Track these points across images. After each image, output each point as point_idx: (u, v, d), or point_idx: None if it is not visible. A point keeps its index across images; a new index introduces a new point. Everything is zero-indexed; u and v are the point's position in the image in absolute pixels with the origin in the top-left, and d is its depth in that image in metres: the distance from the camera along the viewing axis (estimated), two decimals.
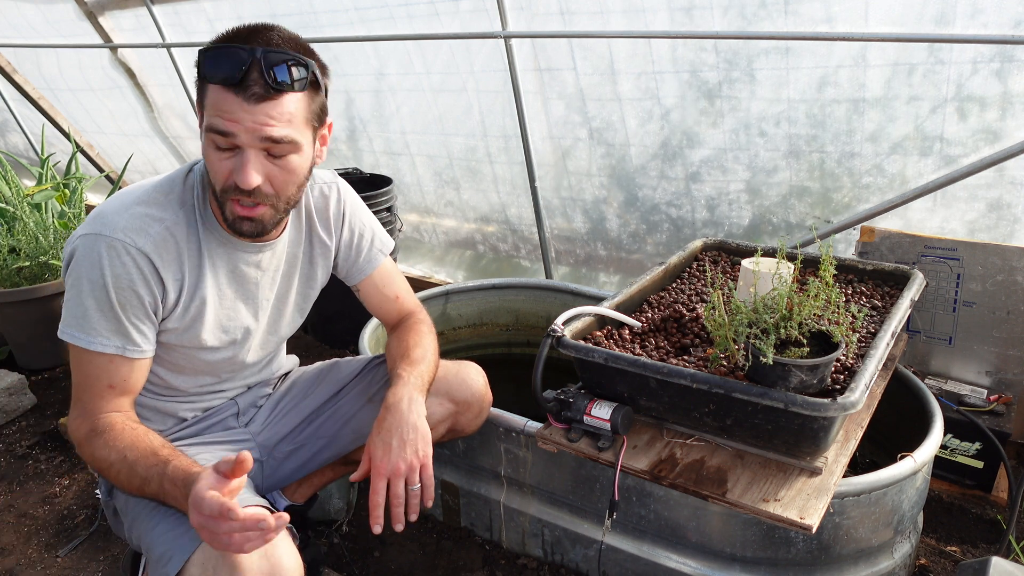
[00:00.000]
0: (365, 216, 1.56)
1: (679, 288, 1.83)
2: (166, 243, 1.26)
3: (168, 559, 1.16)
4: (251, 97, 1.13)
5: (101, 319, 1.23)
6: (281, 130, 1.16)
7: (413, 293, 1.65)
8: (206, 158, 1.22)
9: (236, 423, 1.55)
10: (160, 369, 1.40)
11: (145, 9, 3.26)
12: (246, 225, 1.25)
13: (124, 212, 1.25)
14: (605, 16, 2.20)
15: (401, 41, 2.63)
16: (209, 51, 1.15)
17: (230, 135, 1.15)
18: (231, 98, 1.13)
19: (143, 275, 1.24)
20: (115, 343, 1.24)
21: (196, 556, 1.13)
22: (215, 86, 1.15)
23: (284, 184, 1.23)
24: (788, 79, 2.04)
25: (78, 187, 3.14)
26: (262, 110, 1.14)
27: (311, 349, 2.89)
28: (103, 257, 1.21)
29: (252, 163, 1.17)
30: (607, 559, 1.65)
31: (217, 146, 1.17)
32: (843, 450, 1.39)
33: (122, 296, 1.23)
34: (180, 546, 1.16)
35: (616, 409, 1.43)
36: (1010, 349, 1.93)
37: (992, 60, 1.79)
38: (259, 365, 1.57)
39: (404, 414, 1.32)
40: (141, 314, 1.26)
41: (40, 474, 2.24)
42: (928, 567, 1.75)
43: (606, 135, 2.46)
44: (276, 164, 1.20)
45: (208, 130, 1.17)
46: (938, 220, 2.06)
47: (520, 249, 3.01)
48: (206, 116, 1.17)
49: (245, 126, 1.14)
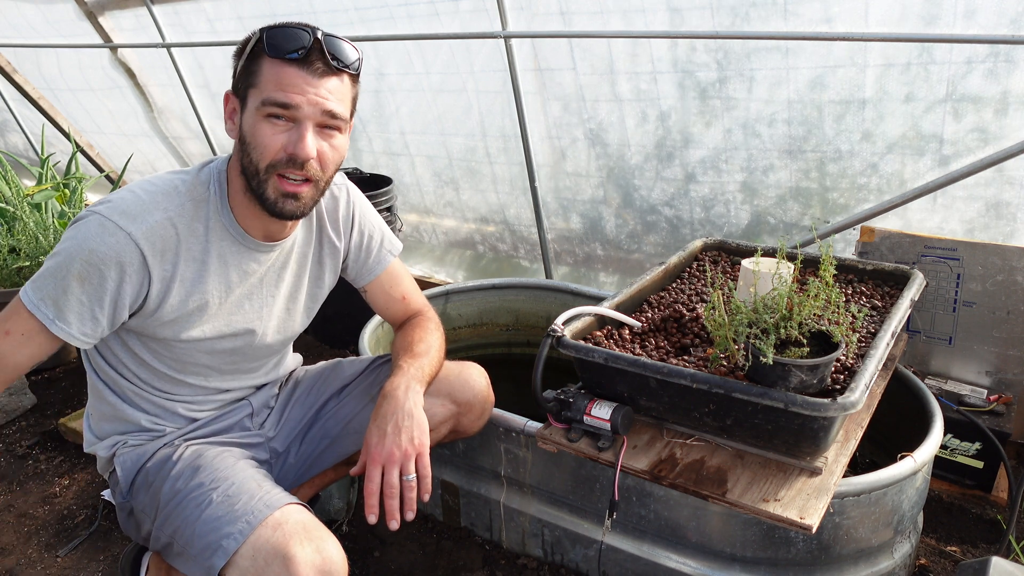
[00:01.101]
0: (374, 218, 1.57)
1: (679, 288, 1.83)
2: (164, 232, 1.25)
3: (214, 550, 1.18)
4: (315, 71, 1.20)
5: (51, 283, 1.21)
6: (338, 106, 1.23)
7: (420, 292, 1.65)
8: (254, 135, 1.22)
9: (251, 424, 1.55)
10: (166, 368, 1.40)
11: (145, 9, 3.26)
12: (290, 203, 1.26)
13: (130, 198, 1.25)
14: (605, 16, 2.20)
15: (401, 41, 2.63)
16: (273, 28, 1.21)
17: (292, 107, 1.19)
18: (294, 72, 1.19)
19: (119, 260, 1.21)
20: (48, 311, 1.21)
21: (245, 548, 1.15)
22: (277, 61, 1.19)
23: (330, 162, 1.27)
24: (788, 78, 2.04)
25: (78, 187, 3.15)
26: (324, 85, 1.21)
27: (311, 349, 2.89)
28: (90, 231, 1.21)
29: (311, 134, 1.22)
30: (607, 559, 1.65)
31: (274, 120, 1.20)
32: (843, 450, 1.39)
33: (84, 270, 1.20)
34: (227, 536, 1.18)
35: (616, 409, 1.43)
36: (1010, 349, 1.93)
37: (986, 60, 1.79)
38: (267, 365, 1.57)
39: (400, 401, 1.32)
40: (94, 297, 1.22)
41: (40, 474, 2.24)
42: (928, 567, 1.75)
43: (604, 135, 2.46)
44: (326, 141, 1.25)
45: (267, 103, 1.20)
46: (937, 220, 2.06)
47: (519, 249, 3.01)
48: (264, 90, 1.20)
49: (308, 98, 1.19)
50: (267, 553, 1.14)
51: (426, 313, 1.60)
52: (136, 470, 1.42)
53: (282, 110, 1.20)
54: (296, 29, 1.21)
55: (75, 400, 2.62)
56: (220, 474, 1.31)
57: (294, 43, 1.20)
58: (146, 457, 1.42)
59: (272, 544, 1.15)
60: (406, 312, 1.60)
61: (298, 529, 1.18)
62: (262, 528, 1.17)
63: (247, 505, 1.22)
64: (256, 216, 1.32)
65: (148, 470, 1.40)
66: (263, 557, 1.14)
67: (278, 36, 1.20)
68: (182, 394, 1.45)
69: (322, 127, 1.23)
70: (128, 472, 1.42)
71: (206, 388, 1.47)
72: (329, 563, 1.16)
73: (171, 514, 1.30)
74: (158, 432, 1.46)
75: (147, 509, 1.37)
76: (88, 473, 2.22)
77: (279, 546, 1.14)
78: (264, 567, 1.13)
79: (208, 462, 1.35)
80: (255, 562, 1.14)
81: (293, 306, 1.49)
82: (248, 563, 1.15)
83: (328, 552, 1.17)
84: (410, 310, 1.61)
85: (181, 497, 1.29)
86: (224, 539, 1.17)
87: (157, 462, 1.40)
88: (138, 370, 1.40)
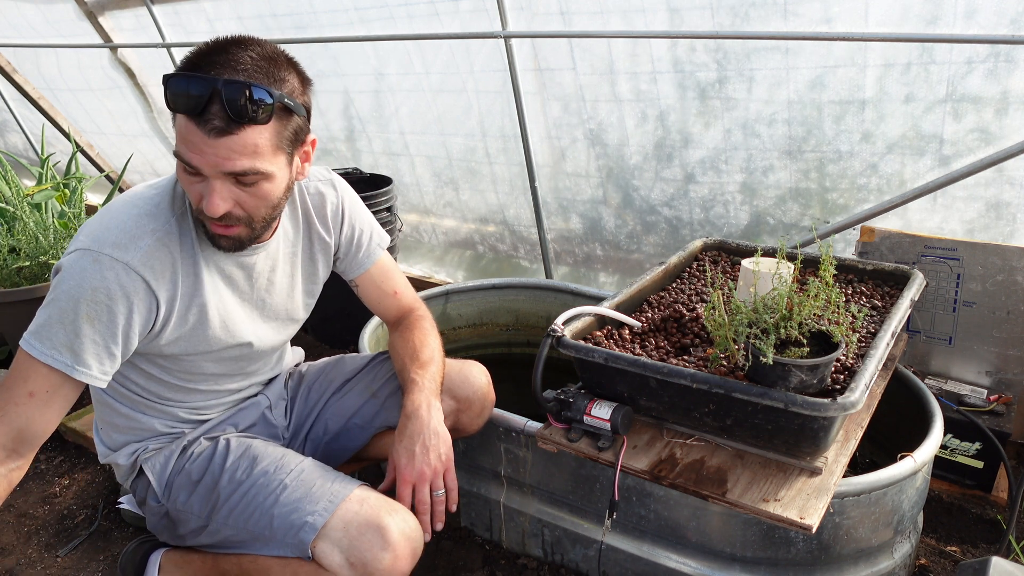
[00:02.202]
0: (363, 212, 1.57)
1: (679, 288, 1.83)
2: (158, 253, 1.24)
3: (300, 527, 1.26)
4: (211, 131, 1.09)
5: (60, 330, 1.18)
6: (244, 163, 1.12)
7: (412, 289, 1.65)
8: (180, 180, 1.19)
9: (272, 416, 1.59)
10: (174, 379, 1.41)
11: (145, 9, 3.26)
12: (224, 242, 1.24)
13: (113, 226, 1.22)
14: (605, 16, 2.20)
15: (401, 41, 2.63)
16: (171, 79, 1.10)
17: (194, 167, 1.13)
18: (193, 129, 1.10)
19: (125, 292, 1.20)
20: (64, 359, 1.18)
21: (335, 520, 1.25)
22: (179, 114, 1.11)
23: (255, 208, 1.20)
24: (787, 79, 2.04)
25: (78, 187, 3.14)
26: (223, 144, 1.09)
27: (311, 349, 2.88)
28: (85, 270, 1.18)
29: (218, 192, 1.14)
30: (607, 559, 1.65)
31: (188, 170, 1.15)
32: (843, 450, 1.39)
33: (92, 310, 1.18)
34: (311, 513, 1.26)
35: (616, 409, 1.43)
36: (1010, 349, 1.93)
37: (986, 60, 1.79)
38: (270, 362, 1.59)
39: (425, 420, 1.36)
40: (107, 334, 1.20)
41: (40, 474, 2.24)
42: (928, 567, 1.75)
43: (604, 135, 2.46)
44: (245, 191, 1.17)
45: (176, 155, 1.15)
46: (937, 220, 2.06)
47: (519, 249, 3.01)
48: (177, 140, 1.14)
49: (207, 160, 1.11)
50: (360, 523, 1.24)
51: (419, 311, 1.61)
52: (170, 471, 1.44)
53: (188, 166, 1.14)
54: (195, 78, 1.08)
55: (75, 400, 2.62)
56: (282, 462, 1.37)
57: (184, 100, 1.08)
58: (176, 456, 1.44)
59: (362, 516, 1.25)
60: (399, 308, 1.61)
61: (383, 503, 1.29)
62: (347, 503, 1.27)
63: (324, 486, 1.31)
64: None
65: (189, 470, 1.42)
66: (356, 527, 1.24)
67: (172, 88, 1.09)
68: (193, 400, 1.47)
69: (236, 179, 1.15)
70: (161, 475, 1.44)
71: (217, 391, 1.50)
72: (414, 531, 1.28)
73: (238, 504, 1.35)
74: (176, 434, 1.48)
75: (195, 507, 1.40)
76: (88, 473, 2.22)
77: (371, 517, 1.25)
78: (357, 535, 1.24)
79: (262, 452, 1.41)
80: (347, 532, 1.24)
81: (289, 303, 1.50)
82: (340, 534, 1.24)
83: (412, 522, 1.29)
84: (403, 305, 1.61)
85: (247, 487, 1.35)
86: (309, 515, 1.26)
87: (200, 460, 1.43)
88: (147, 384, 1.42)
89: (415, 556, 1.29)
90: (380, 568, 1.23)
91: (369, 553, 1.23)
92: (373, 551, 1.23)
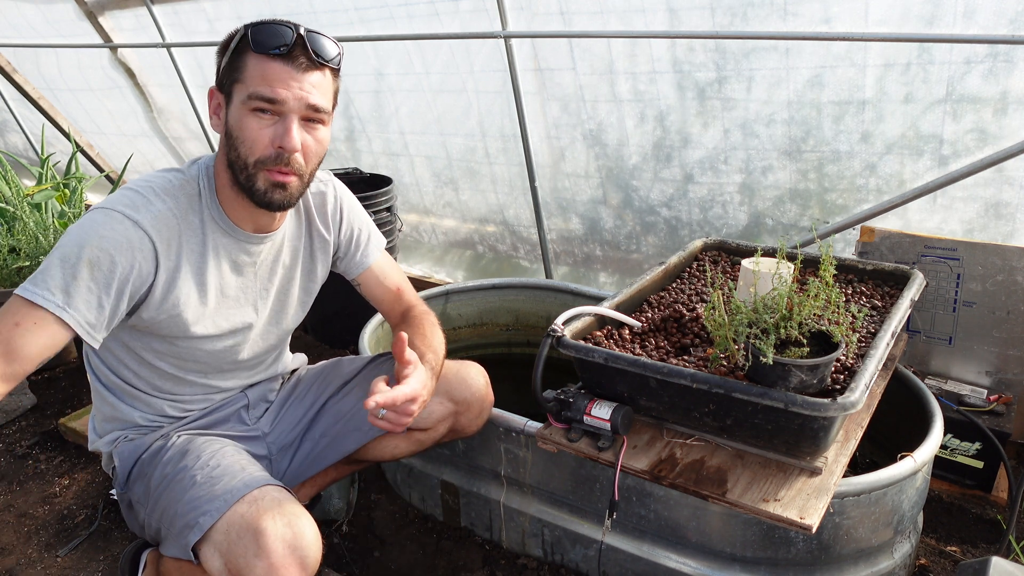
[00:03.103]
0: (360, 212, 1.60)
1: (679, 288, 1.83)
2: (167, 222, 1.27)
3: (191, 527, 1.20)
4: (299, 66, 1.22)
5: (58, 272, 1.18)
6: (320, 99, 1.26)
7: (412, 287, 1.67)
8: (240, 129, 1.24)
9: (247, 417, 1.57)
10: (167, 365, 1.42)
11: (145, 9, 3.26)
12: (278, 193, 1.27)
13: (128, 194, 1.27)
14: (605, 16, 2.20)
15: (401, 41, 2.63)
16: (258, 25, 1.23)
17: (278, 101, 1.22)
18: (279, 67, 1.21)
19: (131, 246, 1.22)
20: (56, 299, 1.16)
21: (220, 523, 1.18)
22: (262, 57, 1.22)
23: (314, 155, 1.30)
24: (786, 79, 2.04)
25: (78, 187, 3.14)
26: (307, 79, 1.23)
27: (311, 349, 2.88)
28: (96, 221, 1.22)
29: (297, 128, 1.24)
30: (607, 559, 1.65)
31: (260, 114, 1.22)
32: (843, 450, 1.39)
33: (95, 255, 1.19)
34: (204, 513, 1.20)
35: (616, 409, 1.43)
36: (1010, 349, 1.93)
37: (985, 60, 1.79)
38: (263, 360, 1.58)
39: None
40: (103, 284, 1.20)
41: (40, 474, 2.24)
42: (928, 567, 1.75)
43: (603, 135, 2.46)
44: (311, 134, 1.28)
45: (253, 97, 1.22)
46: (937, 220, 2.06)
47: (519, 249, 3.01)
48: (250, 85, 1.22)
49: (293, 92, 1.22)
50: (240, 528, 1.15)
51: (420, 306, 1.62)
52: (133, 462, 1.44)
53: (268, 104, 1.22)
54: (280, 26, 1.23)
55: (75, 400, 2.62)
56: (205, 457, 1.33)
57: (278, 39, 1.22)
58: (142, 449, 1.44)
59: (245, 519, 1.16)
60: (402, 305, 1.62)
61: (272, 505, 1.19)
62: (239, 504, 1.18)
63: (227, 484, 1.23)
64: (245, 208, 1.34)
65: (143, 461, 1.42)
66: (235, 531, 1.15)
67: (263, 32, 1.22)
68: (181, 392, 1.47)
69: (306, 120, 1.26)
70: (125, 464, 1.45)
71: (206, 386, 1.49)
72: (300, 538, 1.16)
73: (159, 498, 1.32)
74: (154, 426, 1.49)
75: (142, 499, 1.40)
76: (88, 473, 2.22)
77: (251, 520, 1.15)
78: (236, 540, 1.15)
79: (196, 447, 1.37)
80: (228, 536, 1.16)
81: (286, 299, 1.51)
82: (221, 537, 1.16)
83: (299, 527, 1.17)
84: (405, 302, 1.62)
85: (168, 480, 1.32)
86: (201, 516, 1.19)
87: (152, 452, 1.42)
88: (139, 369, 1.42)
89: (303, 566, 1.16)
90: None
91: (242, 559, 1.13)
92: (246, 557, 1.13)
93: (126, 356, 1.41)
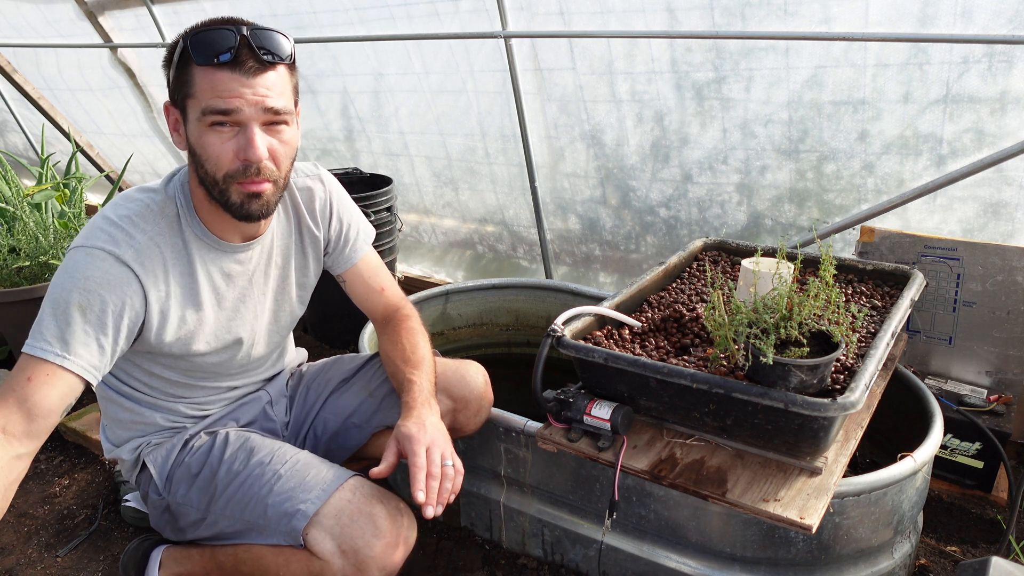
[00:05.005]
0: (351, 206, 1.58)
1: (679, 288, 1.83)
2: (149, 252, 1.25)
3: (292, 515, 1.26)
4: (249, 71, 1.16)
5: (51, 322, 1.17)
6: (279, 100, 1.20)
7: (399, 287, 1.66)
8: (202, 147, 1.20)
9: (273, 412, 1.60)
10: (177, 375, 1.43)
11: (145, 9, 3.26)
12: (254, 204, 1.24)
13: (105, 227, 1.24)
14: (605, 16, 2.20)
15: (400, 41, 2.63)
16: (197, 33, 1.16)
17: (233, 112, 1.16)
18: (227, 76, 1.15)
19: (118, 283, 1.21)
20: (54, 349, 1.16)
21: (327, 508, 1.26)
22: (207, 68, 1.15)
23: (283, 157, 1.25)
24: (785, 79, 2.04)
25: (78, 187, 3.14)
26: (260, 83, 1.17)
27: (311, 349, 2.88)
28: (79, 263, 1.20)
29: (258, 136, 1.19)
30: (607, 559, 1.65)
31: (218, 127, 1.17)
32: (843, 450, 1.39)
33: (84, 298, 1.18)
34: (304, 501, 1.27)
35: (616, 409, 1.43)
36: (1010, 349, 1.93)
37: (983, 60, 1.79)
38: (271, 358, 1.60)
39: (425, 415, 1.34)
40: (98, 325, 1.19)
41: (40, 474, 2.24)
42: (928, 567, 1.75)
43: (602, 135, 2.46)
44: (276, 137, 1.22)
45: (207, 112, 1.16)
46: (936, 220, 2.06)
47: (519, 249, 3.01)
48: (201, 99, 1.17)
49: (248, 100, 1.16)
50: (351, 512, 1.26)
51: (404, 308, 1.60)
52: (170, 465, 1.45)
53: (224, 116, 1.17)
54: (220, 29, 1.16)
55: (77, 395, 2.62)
56: (278, 453, 1.38)
57: (220, 46, 1.15)
58: (177, 450, 1.45)
59: (354, 504, 1.27)
60: (386, 304, 1.61)
61: (376, 491, 1.32)
62: (340, 491, 1.29)
63: (318, 476, 1.32)
64: (226, 220, 1.31)
65: (189, 463, 1.43)
66: (348, 515, 1.26)
67: (203, 41, 1.16)
68: (195, 396, 1.49)
69: (268, 124, 1.20)
70: (162, 468, 1.45)
71: (218, 388, 1.51)
72: (408, 519, 1.32)
73: (235, 495, 1.36)
74: (177, 428, 1.50)
75: (194, 500, 1.41)
76: (88, 473, 2.22)
77: (362, 506, 1.27)
78: (348, 524, 1.25)
79: (259, 444, 1.42)
80: (339, 520, 1.26)
81: (283, 298, 1.51)
82: (331, 521, 1.25)
83: (405, 511, 1.33)
84: (389, 302, 1.61)
85: (244, 477, 1.36)
86: (302, 504, 1.27)
87: (199, 453, 1.43)
88: (149, 380, 1.43)
89: (408, 546, 1.30)
90: (371, 555, 1.24)
91: (361, 540, 1.24)
92: (365, 538, 1.24)
93: (134, 370, 1.42)
